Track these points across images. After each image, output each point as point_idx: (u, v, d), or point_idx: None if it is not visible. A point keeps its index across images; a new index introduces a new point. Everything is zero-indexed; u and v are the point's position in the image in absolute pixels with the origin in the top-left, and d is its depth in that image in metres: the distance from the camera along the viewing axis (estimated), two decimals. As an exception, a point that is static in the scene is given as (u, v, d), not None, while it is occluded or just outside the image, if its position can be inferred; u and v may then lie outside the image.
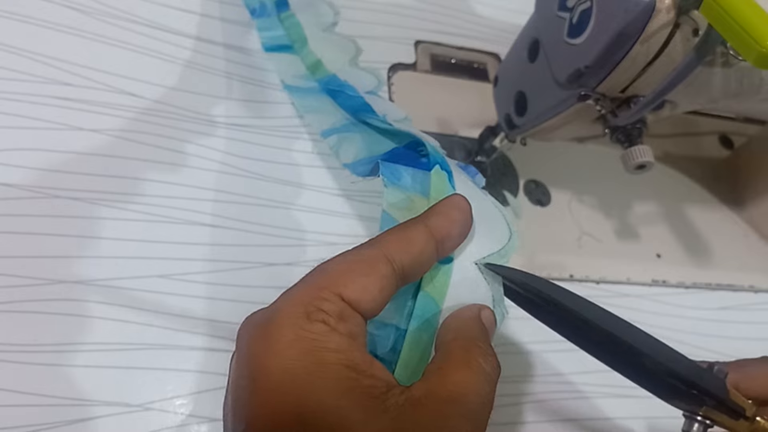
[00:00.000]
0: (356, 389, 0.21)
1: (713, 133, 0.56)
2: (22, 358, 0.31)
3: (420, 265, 0.25)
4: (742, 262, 0.49)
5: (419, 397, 0.22)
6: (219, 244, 0.37)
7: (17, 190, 0.35)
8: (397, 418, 0.21)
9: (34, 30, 0.40)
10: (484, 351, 0.24)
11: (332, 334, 0.21)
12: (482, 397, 0.23)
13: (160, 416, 0.32)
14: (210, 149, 0.40)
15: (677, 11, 0.28)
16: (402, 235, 0.25)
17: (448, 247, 0.26)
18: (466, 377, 0.23)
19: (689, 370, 0.25)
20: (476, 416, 0.22)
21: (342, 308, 0.22)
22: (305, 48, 0.44)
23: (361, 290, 0.22)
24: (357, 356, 0.21)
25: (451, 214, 0.26)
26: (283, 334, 0.21)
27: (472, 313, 0.26)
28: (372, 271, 0.23)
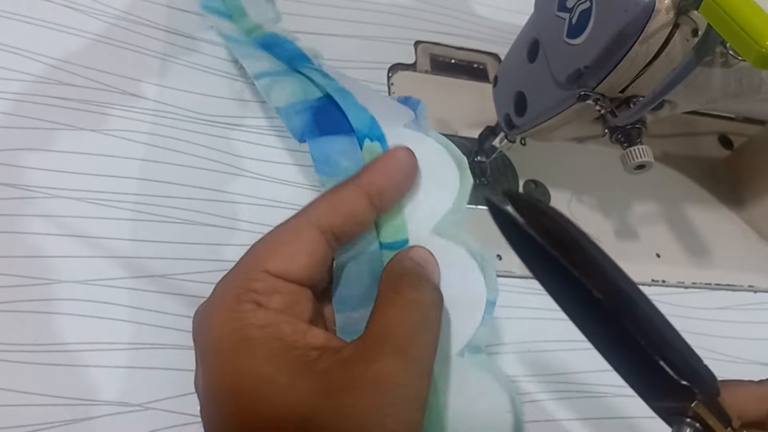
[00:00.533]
0: (282, 358, 0.21)
1: (713, 133, 0.56)
2: (22, 358, 0.31)
3: (353, 224, 0.25)
4: (741, 262, 0.49)
5: (347, 354, 0.22)
6: (219, 244, 0.37)
7: (17, 190, 0.35)
8: (326, 378, 0.21)
9: (34, 30, 0.40)
10: (413, 281, 0.24)
11: (258, 311, 0.22)
12: (410, 328, 0.22)
13: (160, 416, 0.32)
14: (210, 149, 0.40)
15: (677, 11, 0.28)
16: (331, 197, 0.25)
17: (386, 200, 0.26)
18: (390, 315, 0.22)
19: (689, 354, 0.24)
20: (406, 352, 0.21)
21: (272, 283, 0.23)
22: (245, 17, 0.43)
23: (287, 260, 0.23)
24: (285, 329, 0.22)
25: (385, 168, 0.26)
26: (216, 320, 0.22)
27: (399, 255, 0.26)
28: (297, 239, 0.23)
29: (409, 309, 0.23)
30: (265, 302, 0.22)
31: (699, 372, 0.24)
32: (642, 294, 0.24)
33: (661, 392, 0.24)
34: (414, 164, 0.27)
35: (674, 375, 0.23)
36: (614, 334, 0.24)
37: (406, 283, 0.24)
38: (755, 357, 0.44)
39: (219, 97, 0.42)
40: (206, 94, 0.42)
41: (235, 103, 0.42)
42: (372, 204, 0.25)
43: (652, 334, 0.23)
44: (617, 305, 0.23)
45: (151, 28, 0.43)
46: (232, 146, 0.40)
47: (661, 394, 0.24)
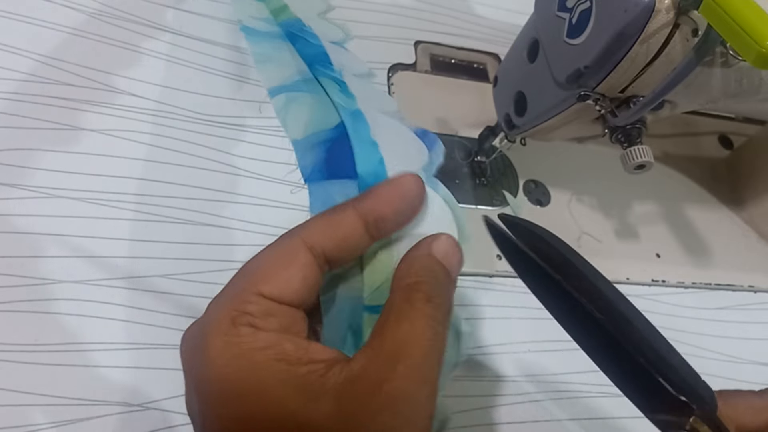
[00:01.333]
0: (291, 379, 0.21)
1: (713, 133, 0.56)
2: (22, 358, 0.31)
3: (347, 250, 0.24)
4: (741, 262, 0.49)
5: (358, 369, 0.21)
6: (219, 244, 0.37)
7: (17, 190, 0.35)
8: (338, 397, 0.21)
9: (34, 30, 0.40)
10: (428, 293, 0.23)
11: (258, 333, 0.21)
12: (424, 348, 0.21)
13: (160, 416, 0.32)
14: (210, 149, 0.40)
15: (677, 11, 0.28)
16: (326, 220, 0.24)
17: (384, 228, 0.25)
18: (404, 331, 0.22)
19: (686, 370, 0.24)
20: (420, 372, 0.21)
21: (266, 306, 0.22)
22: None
23: (282, 284, 0.22)
24: (288, 347, 0.22)
25: (386, 194, 0.25)
26: (213, 344, 0.21)
27: (419, 251, 0.25)
28: (291, 262, 0.23)
29: (424, 326, 0.22)
30: (262, 325, 0.22)
31: (696, 388, 0.24)
32: (638, 312, 0.25)
33: (660, 406, 0.24)
34: (420, 195, 0.25)
35: (672, 391, 0.23)
36: (613, 351, 0.24)
37: (423, 294, 0.23)
38: (755, 357, 0.44)
39: (219, 97, 0.42)
40: (206, 94, 0.42)
41: (235, 103, 0.42)
42: (368, 232, 0.24)
43: (649, 352, 0.24)
44: (616, 325, 0.24)
45: (152, 28, 0.43)
46: (232, 146, 0.40)
47: (660, 408, 0.24)
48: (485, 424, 0.36)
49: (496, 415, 0.37)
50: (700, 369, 0.25)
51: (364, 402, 0.20)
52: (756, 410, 0.26)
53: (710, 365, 0.42)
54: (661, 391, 0.24)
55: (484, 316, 0.40)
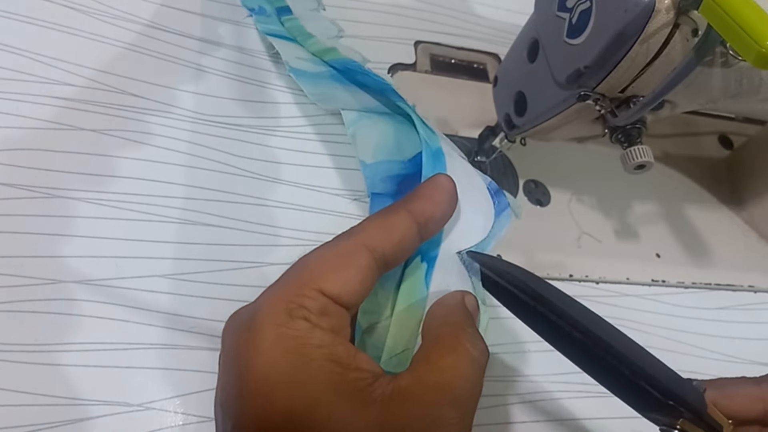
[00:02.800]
0: (342, 383, 0.21)
1: (713, 133, 0.56)
2: (22, 358, 0.31)
3: (402, 252, 0.25)
4: (741, 262, 0.49)
5: (406, 386, 0.22)
6: (219, 244, 0.37)
7: (17, 190, 0.35)
8: (385, 409, 0.21)
9: (34, 30, 0.40)
10: (471, 336, 0.24)
11: (315, 330, 0.21)
12: (470, 382, 0.23)
13: (160, 416, 0.32)
14: (210, 149, 0.40)
15: (677, 11, 0.28)
16: (383, 223, 0.24)
17: (431, 229, 0.26)
18: (453, 363, 0.23)
19: (669, 378, 0.25)
20: (465, 402, 0.22)
21: (323, 303, 0.22)
22: (311, 39, 0.41)
23: (341, 284, 0.22)
24: (340, 350, 0.22)
25: (435, 196, 0.26)
26: (267, 333, 0.21)
27: (456, 300, 0.26)
28: (352, 263, 0.23)
29: (470, 365, 0.23)
30: (318, 322, 0.22)
31: (682, 395, 0.25)
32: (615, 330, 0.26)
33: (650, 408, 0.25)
34: (455, 193, 0.27)
35: (660, 397, 0.24)
36: (599, 366, 0.25)
37: (468, 335, 0.24)
38: (755, 357, 0.44)
39: (219, 97, 0.42)
40: (206, 94, 0.42)
41: (236, 103, 0.42)
42: (419, 232, 0.25)
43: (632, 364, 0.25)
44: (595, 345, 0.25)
45: (152, 28, 0.43)
46: (232, 146, 0.40)
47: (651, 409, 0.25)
48: (485, 424, 0.36)
49: (496, 415, 0.37)
50: (700, 369, 0.25)
51: (410, 419, 0.21)
52: (752, 399, 0.27)
53: (710, 365, 0.42)
54: (649, 396, 0.24)
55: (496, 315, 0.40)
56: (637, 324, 0.43)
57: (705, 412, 0.25)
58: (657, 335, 0.43)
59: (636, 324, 0.43)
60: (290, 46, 0.41)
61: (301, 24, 0.43)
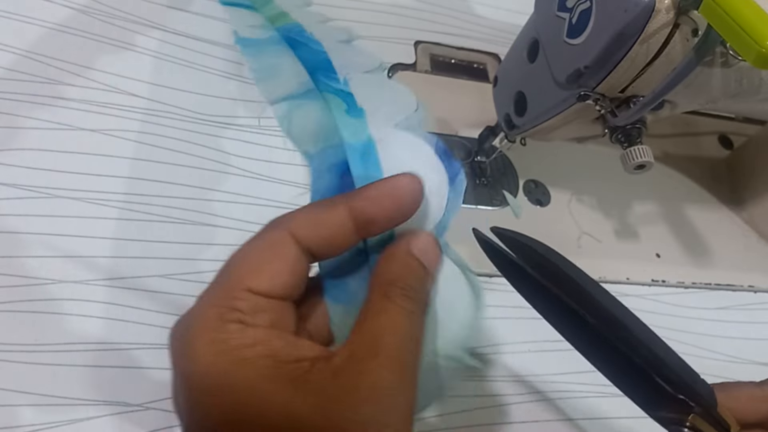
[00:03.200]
0: (277, 375, 0.21)
1: (713, 133, 0.56)
2: (22, 358, 0.31)
3: (334, 247, 0.24)
4: (741, 262, 0.49)
5: (340, 362, 0.21)
6: (219, 244, 0.37)
7: (17, 190, 0.35)
8: (322, 391, 0.21)
9: (34, 30, 0.40)
10: (405, 290, 0.23)
11: (247, 330, 0.21)
12: (402, 338, 0.22)
13: (160, 416, 0.32)
14: (210, 149, 0.40)
15: (677, 11, 0.28)
16: (315, 215, 0.23)
17: (373, 230, 0.24)
18: (381, 324, 0.22)
19: (683, 369, 0.25)
20: (399, 361, 0.21)
21: (255, 302, 0.22)
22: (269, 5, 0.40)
23: (270, 279, 0.22)
24: (276, 344, 0.21)
25: (380, 197, 0.24)
26: (200, 341, 0.21)
27: (398, 249, 0.24)
28: (277, 256, 0.22)
29: (402, 319, 0.22)
30: (252, 321, 0.22)
31: (695, 387, 0.24)
32: (632, 315, 0.25)
33: (660, 405, 0.25)
34: (417, 199, 0.24)
35: (671, 390, 0.24)
36: (611, 354, 0.25)
37: (400, 291, 0.23)
38: (755, 357, 0.44)
39: (218, 97, 0.42)
40: (205, 94, 0.42)
41: (234, 103, 0.42)
42: (358, 231, 0.24)
43: (646, 353, 0.24)
44: (610, 329, 0.24)
45: (152, 28, 0.43)
46: (229, 145, 0.40)
47: (660, 407, 0.25)
48: (485, 424, 0.36)
49: (496, 415, 0.37)
50: (701, 369, 0.25)
51: (347, 394, 0.20)
52: (757, 401, 0.26)
53: (710, 365, 0.42)
54: (661, 390, 0.24)
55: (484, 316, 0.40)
56: (637, 324, 0.43)
57: (715, 407, 0.24)
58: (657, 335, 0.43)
59: (636, 324, 0.43)
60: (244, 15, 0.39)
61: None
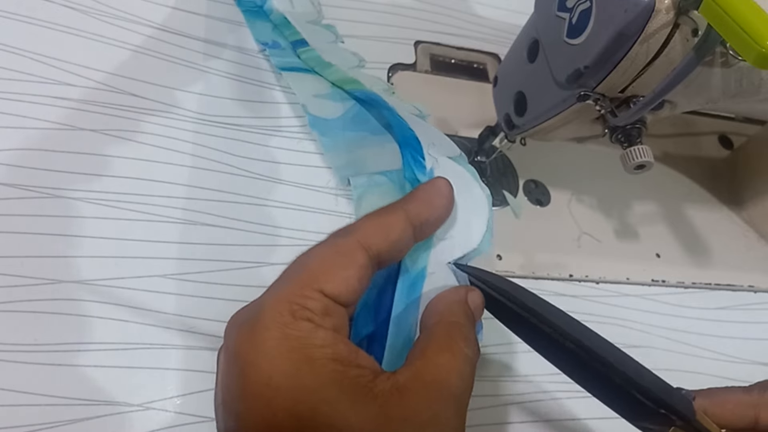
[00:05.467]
0: (344, 380, 0.21)
1: (713, 133, 0.56)
2: (22, 358, 0.31)
3: (397, 251, 0.25)
4: (741, 262, 0.49)
5: (404, 381, 0.22)
6: (219, 244, 0.37)
7: (18, 190, 0.35)
8: (385, 404, 0.21)
9: (34, 30, 0.40)
10: (466, 335, 0.25)
11: (318, 330, 0.22)
12: (465, 380, 0.23)
13: (160, 416, 0.32)
14: (210, 149, 0.40)
15: (677, 11, 0.28)
16: (379, 222, 0.25)
17: (426, 231, 0.27)
18: (448, 361, 0.23)
19: (658, 386, 0.25)
20: (459, 399, 0.23)
21: (325, 304, 0.23)
22: (331, 67, 0.40)
23: (341, 284, 0.23)
24: (342, 348, 0.22)
25: (432, 200, 0.26)
26: (271, 334, 0.22)
27: (457, 296, 0.26)
28: (350, 263, 0.23)
29: (464, 362, 0.24)
30: (320, 322, 0.22)
31: (671, 402, 0.25)
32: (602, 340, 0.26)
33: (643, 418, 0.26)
34: (452, 198, 0.27)
35: (651, 405, 0.25)
36: (591, 375, 0.26)
37: (462, 334, 0.24)
38: (755, 357, 0.44)
39: (219, 97, 0.42)
40: (207, 94, 0.42)
41: (236, 103, 0.42)
42: (414, 234, 0.26)
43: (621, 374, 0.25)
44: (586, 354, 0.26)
45: (152, 28, 0.43)
46: (233, 146, 0.40)
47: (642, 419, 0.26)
48: (485, 424, 0.36)
49: (496, 415, 0.37)
50: (701, 369, 0.25)
51: (409, 414, 0.21)
52: (743, 407, 0.27)
53: (710, 365, 0.42)
54: (640, 405, 0.25)
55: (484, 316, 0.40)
56: (637, 324, 0.43)
57: (694, 418, 0.25)
58: (657, 335, 0.43)
59: (636, 324, 0.43)
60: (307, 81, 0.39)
61: (319, 54, 0.41)
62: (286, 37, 0.43)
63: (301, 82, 0.40)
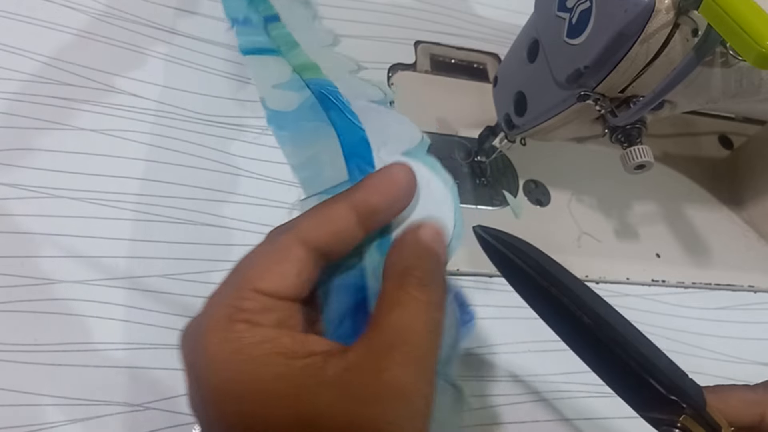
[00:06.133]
0: (289, 372, 0.21)
1: (713, 133, 0.56)
2: (22, 358, 0.31)
3: (341, 243, 0.24)
4: (741, 262, 0.49)
5: (355, 358, 0.21)
6: (219, 244, 0.37)
7: (17, 190, 0.35)
8: (337, 387, 0.21)
9: (34, 30, 0.40)
10: (419, 279, 0.23)
11: (255, 329, 0.22)
12: (421, 333, 0.22)
13: (160, 416, 0.32)
14: (210, 149, 0.40)
15: (677, 11, 0.28)
16: (319, 215, 0.24)
17: (376, 220, 0.25)
18: (398, 318, 0.22)
19: (673, 372, 0.25)
20: (419, 357, 0.21)
21: (263, 302, 0.22)
22: (295, 49, 0.39)
23: (277, 280, 0.23)
24: (286, 341, 0.22)
25: (377, 185, 0.24)
26: (210, 341, 0.22)
27: (407, 238, 0.25)
28: (285, 257, 0.23)
29: (419, 311, 0.22)
30: (259, 320, 0.22)
31: (684, 387, 0.25)
32: (620, 316, 0.26)
33: (652, 405, 0.25)
34: (411, 184, 0.25)
35: (663, 390, 0.24)
36: (604, 355, 0.25)
37: (415, 280, 0.23)
38: (755, 357, 0.44)
39: (219, 97, 0.42)
40: (206, 94, 0.42)
41: (235, 103, 0.42)
42: (361, 223, 0.24)
43: (636, 354, 0.25)
44: (602, 330, 0.25)
45: (152, 28, 0.43)
46: (232, 146, 0.40)
47: (651, 407, 0.25)
48: (485, 424, 0.36)
49: (496, 415, 0.37)
50: (701, 369, 0.25)
51: (363, 390, 0.21)
52: (748, 404, 0.27)
53: (710, 365, 0.42)
54: (652, 391, 0.24)
55: (484, 316, 0.40)
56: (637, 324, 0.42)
57: (704, 408, 0.25)
58: (657, 335, 0.42)
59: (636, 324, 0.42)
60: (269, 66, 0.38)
61: (289, 32, 0.40)
62: (260, 12, 0.42)
63: (263, 68, 0.39)
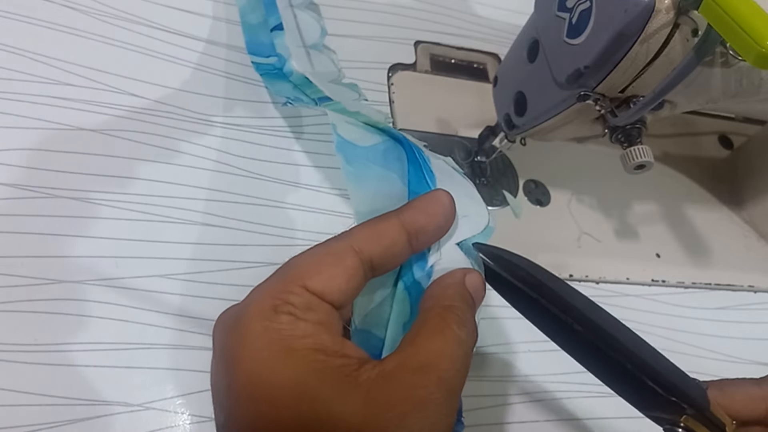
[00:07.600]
0: (326, 369, 0.22)
1: (713, 133, 0.56)
2: (22, 358, 0.31)
3: (391, 258, 0.25)
4: (741, 262, 0.49)
5: (391, 369, 0.22)
6: (219, 244, 0.37)
7: (17, 190, 0.35)
8: (369, 392, 0.21)
9: (34, 30, 0.40)
10: (460, 317, 0.24)
11: (298, 322, 0.22)
12: (455, 364, 0.23)
13: (160, 416, 0.32)
14: (209, 149, 0.40)
15: (677, 11, 0.28)
16: (372, 228, 0.25)
17: (422, 241, 0.26)
18: (437, 345, 0.23)
19: (672, 374, 0.25)
20: (449, 383, 0.23)
21: (308, 299, 0.23)
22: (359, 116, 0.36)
23: (327, 281, 0.23)
24: (326, 339, 0.22)
25: (428, 208, 0.26)
26: (252, 327, 0.22)
27: (453, 279, 0.26)
28: (338, 262, 0.24)
29: (457, 345, 0.23)
30: (302, 316, 0.22)
31: (686, 389, 0.25)
32: (617, 322, 0.26)
33: (654, 406, 0.25)
34: (453, 211, 0.27)
35: (663, 393, 0.24)
36: (602, 360, 0.25)
37: (456, 317, 0.24)
38: (755, 357, 0.44)
39: (219, 97, 0.42)
40: (206, 94, 0.42)
41: (236, 103, 0.42)
42: (410, 242, 0.26)
43: (635, 358, 0.25)
44: (597, 337, 0.25)
45: (152, 28, 0.43)
46: (232, 146, 0.40)
47: (655, 408, 0.25)
48: (485, 424, 0.36)
49: (496, 415, 0.37)
50: (701, 369, 0.25)
51: (395, 401, 0.21)
52: (753, 399, 0.27)
53: (710, 365, 0.42)
54: (654, 393, 0.25)
55: (484, 316, 0.40)
56: (637, 324, 0.42)
57: (708, 408, 0.25)
58: (657, 335, 0.43)
59: (636, 324, 0.42)
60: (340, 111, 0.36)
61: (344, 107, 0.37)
62: (309, 95, 0.41)
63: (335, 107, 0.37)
